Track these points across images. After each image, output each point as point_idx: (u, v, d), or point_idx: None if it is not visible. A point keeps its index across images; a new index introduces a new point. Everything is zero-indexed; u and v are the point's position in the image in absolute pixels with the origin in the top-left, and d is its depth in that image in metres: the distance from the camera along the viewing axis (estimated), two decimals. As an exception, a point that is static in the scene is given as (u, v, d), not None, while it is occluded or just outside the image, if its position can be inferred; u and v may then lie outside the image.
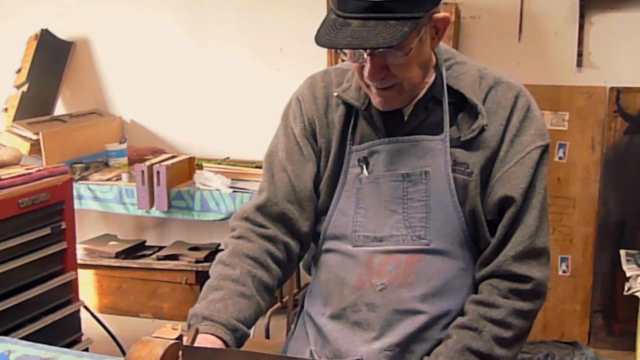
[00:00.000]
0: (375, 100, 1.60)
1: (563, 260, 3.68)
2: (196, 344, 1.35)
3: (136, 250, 4.15)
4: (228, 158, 4.06)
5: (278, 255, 1.66)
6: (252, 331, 2.64)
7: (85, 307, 3.08)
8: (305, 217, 1.69)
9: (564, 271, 3.68)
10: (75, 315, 3.06)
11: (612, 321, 3.62)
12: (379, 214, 1.63)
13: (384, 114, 1.64)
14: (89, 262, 4.08)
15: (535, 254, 1.58)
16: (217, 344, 1.44)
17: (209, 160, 3.98)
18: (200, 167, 3.89)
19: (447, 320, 1.61)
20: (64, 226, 2.93)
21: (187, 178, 3.79)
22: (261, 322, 3.53)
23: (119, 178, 3.82)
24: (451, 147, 1.60)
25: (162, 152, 4.18)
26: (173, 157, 3.88)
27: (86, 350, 3.02)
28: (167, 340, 1.24)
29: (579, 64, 3.63)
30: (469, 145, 1.60)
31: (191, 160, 3.87)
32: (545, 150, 1.62)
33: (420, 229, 1.60)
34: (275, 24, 3.88)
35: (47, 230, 2.85)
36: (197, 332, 1.29)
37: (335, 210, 1.67)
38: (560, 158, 3.67)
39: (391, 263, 1.61)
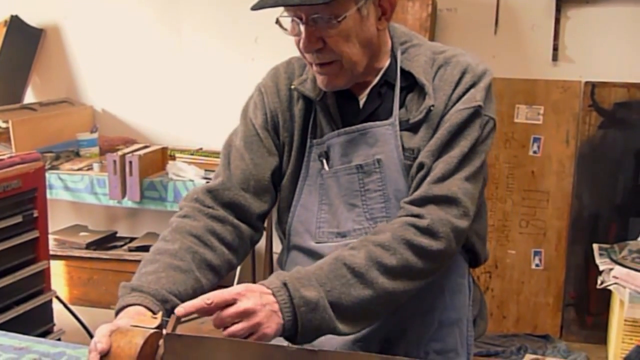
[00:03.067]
0: (319, 80, 1.58)
1: (536, 253, 3.68)
2: (124, 317, 1.33)
3: (107, 241, 4.09)
4: (201, 149, 4.01)
5: (226, 236, 1.60)
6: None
7: (57, 297, 3.02)
8: (259, 205, 1.65)
9: (537, 265, 3.68)
10: (47, 306, 3.00)
11: (585, 314, 3.63)
12: (340, 208, 1.61)
13: (340, 104, 1.62)
14: (59, 253, 4.00)
15: (437, 199, 1.50)
16: (145, 314, 1.37)
17: (182, 151, 3.93)
18: (173, 158, 3.84)
19: (421, 309, 1.59)
20: (35, 214, 2.86)
21: (160, 169, 3.73)
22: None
23: (90, 168, 3.76)
24: (400, 130, 1.57)
25: (134, 142, 4.12)
26: (145, 147, 3.83)
27: (59, 339, 2.97)
28: (147, 330, 1.21)
29: (555, 57, 3.62)
30: (417, 127, 1.57)
31: (164, 150, 3.82)
32: (473, 114, 1.54)
33: (382, 220, 1.57)
34: (250, 13, 3.80)
35: (18, 219, 2.79)
36: (178, 320, 1.26)
37: (298, 205, 1.65)
38: (534, 152, 3.67)
39: None
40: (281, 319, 1.34)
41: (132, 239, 4.10)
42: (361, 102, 1.62)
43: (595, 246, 3.31)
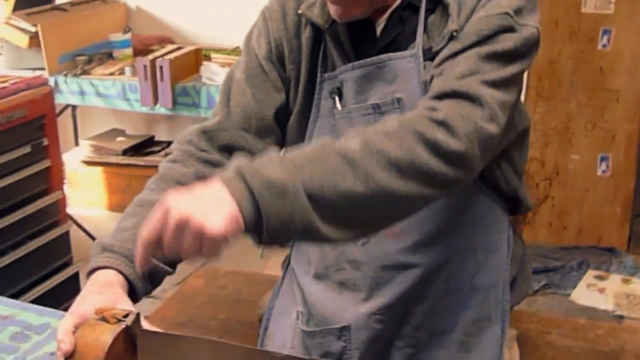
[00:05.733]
0: (331, 10, 1.30)
1: (603, 159, 3.40)
2: (91, 290, 1.14)
3: (144, 146, 3.96)
4: (238, 48, 3.75)
5: None
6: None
7: (77, 224, 2.89)
8: (261, 147, 1.39)
9: (603, 171, 3.41)
10: (64, 237, 2.87)
11: (655, 226, 3.38)
12: None
13: (353, 32, 1.34)
14: (96, 160, 3.92)
15: (457, 95, 1.18)
16: (116, 280, 1.16)
17: (217, 51, 3.69)
18: (209, 58, 3.61)
19: (447, 273, 1.35)
20: (45, 143, 2.68)
21: (194, 71, 3.51)
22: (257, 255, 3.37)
23: (122, 72, 3.57)
24: (423, 60, 1.29)
25: (170, 40, 3.88)
26: (179, 48, 3.60)
27: (76, 274, 2.87)
28: (116, 326, 1.03)
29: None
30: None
31: (197, 51, 3.58)
32: (499, 20, 1.23)
33: None
34: None
35: (27, 149, 2.63)
36: (137, 318, 1.07)
37: (311, 138, 1.39)
38: (604, 46, 3.33)
39: None
40: (231, 207, 1.02)
41: (169, 143, 3.94)
42: (378, 30, 1.34)
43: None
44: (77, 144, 4.15)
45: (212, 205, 1.01)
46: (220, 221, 1.00)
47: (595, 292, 3.05)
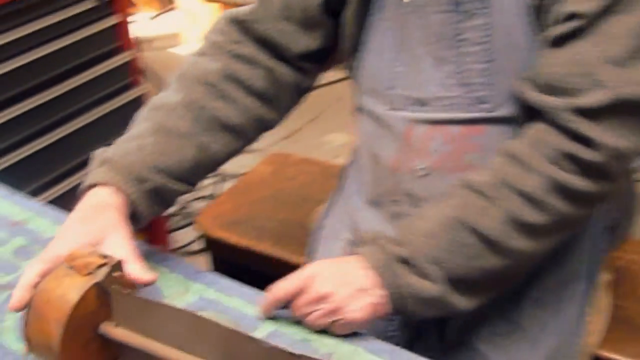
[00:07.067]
0: None
1: None
2: (80, 214, 0.97)
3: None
4: None
5: (254, 82, 1.14)
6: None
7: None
8: (305, 41, 1.16)
9: None
10: (138, 102, 2.69)
11: None
12: (424, 62, 1.07)
13: None
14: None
15: (626, 106, 0.92)
16: (112, 202, 0.98)
17: None
18: None
19: None
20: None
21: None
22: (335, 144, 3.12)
23: None
24: None
25: None
26: None
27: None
28: (86, 279, 0.85)
29: None
30: None
31: None
32: None
33: (481, 87, 1.03)
34: None
35: (91, 3, 2.39)
36: (116, 266, 0.89)
37: (366, 49, 1.13)
38: None
39: (437, 138, 1.08)
40: (376, 300, 0.96)
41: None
42: None
43: None
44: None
45: (356, 290, 0.95)
46: (361, 309, 0.95)
47: None
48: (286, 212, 1.67)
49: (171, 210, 2.68)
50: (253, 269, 1.53)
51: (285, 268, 1.04)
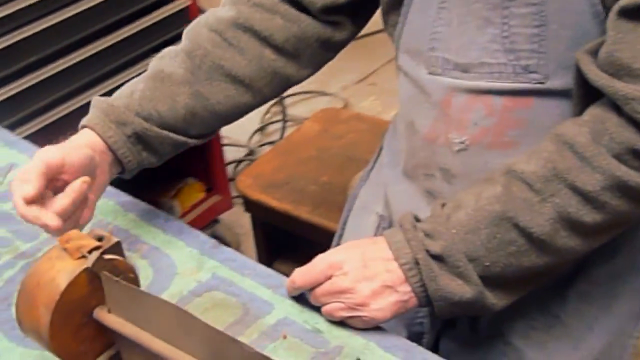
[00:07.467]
0: None
1: None
2: (69, 149, 0.93)
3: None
4: None
5: (271, 33, 1.06)
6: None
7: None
8: None
9: None
10: None
11: None
12: (467, 23, 0.94)
13: None
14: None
15: None
16: (91, 144, 0.97)
17: None
18: None
19: None
20: None
21: None
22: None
23: None
24: None
25: None
26: None
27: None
28: (77, 263, 0.81)
29: None
30: None
31: None
32: None
33: (530, 55, 0.91)
34: None
35: None
36: (114, 247, 0.84)
37: (410, 4, 1.03)
38: None
39: (478, 110, 0.96)
40: (403, 297, 0.89)
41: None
42: None
43: None
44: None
45: (381, 286, 0.88)
46: (384, 308, 0.89)
47: None
48: (329, 174, 1.60)
49: (237, 155, 2.65)
50: (292, 232, 1.48)
51: (324, 235, 0.97)
